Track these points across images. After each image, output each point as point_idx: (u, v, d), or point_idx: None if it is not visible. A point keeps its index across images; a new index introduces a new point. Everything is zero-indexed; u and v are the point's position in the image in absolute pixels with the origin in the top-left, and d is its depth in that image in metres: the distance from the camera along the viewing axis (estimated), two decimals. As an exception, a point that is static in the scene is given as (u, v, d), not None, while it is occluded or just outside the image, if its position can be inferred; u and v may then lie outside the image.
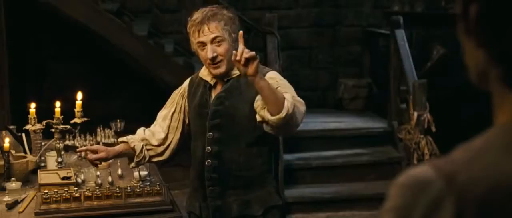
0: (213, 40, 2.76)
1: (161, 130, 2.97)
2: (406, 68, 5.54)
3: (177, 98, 2.99)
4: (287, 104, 2.56)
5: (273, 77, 2.80)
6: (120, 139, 3.04)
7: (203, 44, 2.78)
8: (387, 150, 5.89)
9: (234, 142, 2.79)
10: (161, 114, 3.01)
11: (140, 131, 3.02)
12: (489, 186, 0.84)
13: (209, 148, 2.83)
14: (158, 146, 2.96)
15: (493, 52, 0.89)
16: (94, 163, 2.94)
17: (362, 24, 7.13)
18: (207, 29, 2.76)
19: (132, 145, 2.93)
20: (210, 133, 2.83)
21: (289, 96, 2.63)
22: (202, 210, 2.91)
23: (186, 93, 2.97)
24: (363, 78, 6.94)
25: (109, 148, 2.97)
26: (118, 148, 2.97)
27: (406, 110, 5.45)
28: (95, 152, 2.90)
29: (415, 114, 5.15)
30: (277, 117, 2.56)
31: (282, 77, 2.84)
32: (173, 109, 2.98)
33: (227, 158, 2.82)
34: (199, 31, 2.78)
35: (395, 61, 5.84)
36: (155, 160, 3.00)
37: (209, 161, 2.84)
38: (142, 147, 2.93)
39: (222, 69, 2.79)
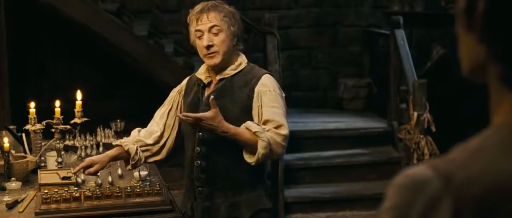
0: (210, 29, 2.78)
1: (157, 129, 2.97)
2: (406, 68, 5.54)
3: (174, 96, 3.00)
4: (258, 154, 2.65)
5: (265, 85, 2.79)
6: (114, 143, 3.05)
7: (200, 33, 2.80)
8: (387, 150, 5.89)
9: (223, 143, 2.76)
10: (159, 112, 3.02)
11: (135, 132, 3.02)
12: (486, 186, 0.84)
13: (198, 148, 2.83)
14: (154, 144, 2.96)
15: (496, 50, 0.88)
16: (95, 175, 2.97)
17: (362, 24, 7.13)
18: (206, 18, 2.78)
19: (126, 148, 2.93)
20: (200, 133, 2.82)
21: (263, 144, 2.64)
22: (193, 210, 2.91)
23: (183, 92, 2.98)
24: (363, 78, 6.94)
25: (101, 156, 2.97)
26: (111, 152, 2.97)
27: (406, 109, 5.45)
28: (90, 165, 2.92)
29: (415, 113, 5.15)
30: (250, 161, 2.69)
31: (274, 86, 2.81)
32: (169, 107, 2.99)
33: (215, 159, 2.82)
34: (197, 20, 2.80)
35: (395, 61, 5.84)
36: (151, 160, 3.00)
37: (198, 161, 2.83)
38: (136, 149, 2.93)
39: (216, 60, 2.80)
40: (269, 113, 2.72)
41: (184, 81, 3.02)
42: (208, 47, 2.78)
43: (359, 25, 7.13)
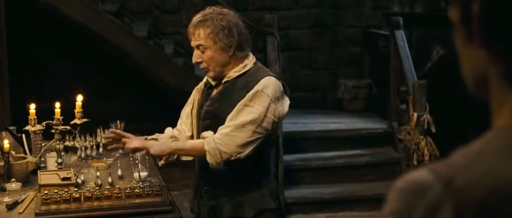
0: (198, 47, 2.81)
1: (186, 128, 2.99)
2: (406, 69, 5.54)
3: (194, 95, 3.03)
4: (207, 152, 2.70)
5: (260, 84, 2.73)
6: (149, 137, 3.00)
7: (192, 49, 2.86)
8: (387, 150, 5.90)
9: None
10: (185, 111, 3.03)
11: (169, 129, 3.04)
12: (487, 190, 0.83)
13: None
14: None
15: (496, 49, 0.88)
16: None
17: (362, 25, 7.13)
18: (193, 35, 2.81)
19: (161, 141, 2.95)
20: (202, 133, 2.85)
21: (208, 140, 2.71)
22: (200, 208, 2.94)
23: (200, 90, 3.01)
24: (363, 79, 6.94)
25: (143, 140, 2.91)
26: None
27: (406, 110, 5.45)
28: (120, 139, 2.88)
29: (415, 114, 5.15)
30: (210, 162, 2.73)
31: (269, 88, 2.73)
32: (191, 107, 3.01)
33: None
34: (189, 35, 2.85)
35: (395, 62, 5.84)
36: (184, 158, 3.00)
37: (202, 161, 2.85)
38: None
39: (210, 74, 2.84)
40: (235, 111, 2.72)
41: (204, 79, 3.04)
42: (197, 63, 2.85)
43: (359, 26, 7.13)
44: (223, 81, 2.85)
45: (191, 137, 2.98)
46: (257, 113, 2.69)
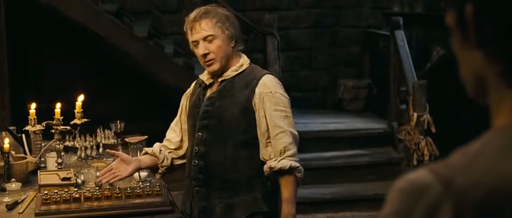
0: (205, 38, 2.79)
1: (175, 134, 3.03)
2: (405, 69, 5.54)
3: (183, 101, 3.04)
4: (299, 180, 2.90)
5: (266, 86, 2.79)
6: (142, 153, 3.09)
7: (196, 43, 2.82)
8: (387, 150, 5.90)
9: (221, 144, 2.79)
10: (174, 121, 3.07)
11: (157, 144, 3.07)
12: (487, 190, 0.83)
13: (196, 148, 2.85)
14: (177, 149, 3.02)
15: (493, 49, 0.88)
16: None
17: (361, 25, 7.13)
18: (199, 27, 2.80)
19: (150, 151, 3.01)
20: (199, 133, 2.85)
21: (298, 170, 2.92)
22: (192, 209, 2.93)
23: (189, 95, 3.01)
24: (363, 79, 6.94)
25: (138, 159, 3.00)
26: (144, 158, 3.02)
27: (406, 110, 5.45)
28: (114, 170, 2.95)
29: (415, 114, 5.15)
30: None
31: (276, 87, 2.82)
32: (181, 112, 3.03)
33: (213, 159, 2.82)
34: (192, 30, 2.82)
35: (395, 62, 5.84)
36: (179, 162, 3.03)
37: (196, 161, 2.85)
38: (161, 150, 3.00)
39: (215, 66, 2.82)
40: (273, 121, 2.79)
41: (192, 85, 3.06)
42: (205, 55, 2.80)
43: (359, 26, 7.13)
44: (219, 80, 2.86)
45: (181, 141, 3.00)
46: (292, 121, 2.93)
